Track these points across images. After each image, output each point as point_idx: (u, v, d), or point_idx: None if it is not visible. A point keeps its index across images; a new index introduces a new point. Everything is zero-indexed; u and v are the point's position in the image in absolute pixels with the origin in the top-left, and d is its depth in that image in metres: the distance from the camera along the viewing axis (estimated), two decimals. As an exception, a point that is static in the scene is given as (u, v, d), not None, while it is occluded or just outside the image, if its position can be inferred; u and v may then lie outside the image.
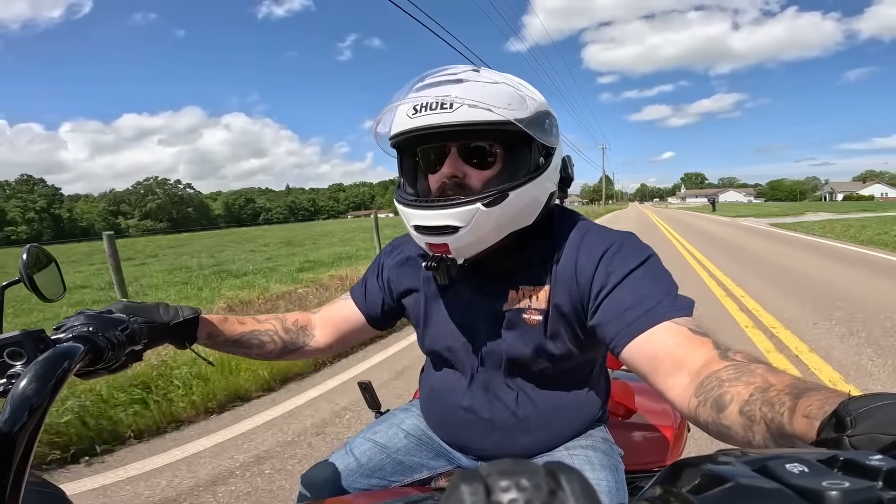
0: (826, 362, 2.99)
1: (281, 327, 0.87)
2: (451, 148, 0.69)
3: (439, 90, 0.66)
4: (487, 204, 0.65)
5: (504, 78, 0.69)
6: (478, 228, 0.65)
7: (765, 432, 0.42)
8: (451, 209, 0.65)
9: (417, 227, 0.69)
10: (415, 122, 0.66)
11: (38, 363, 0.46)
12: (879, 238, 9.85)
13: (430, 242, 0.69)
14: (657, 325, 0.61)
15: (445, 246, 0.67)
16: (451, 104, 0.63)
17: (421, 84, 0.69)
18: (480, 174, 0.69)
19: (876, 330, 3.59)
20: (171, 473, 2.05)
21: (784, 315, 4.14)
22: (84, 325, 0.58)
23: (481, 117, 0.63)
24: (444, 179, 0.69)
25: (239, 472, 2.04)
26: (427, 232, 0.68)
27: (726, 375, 0.50)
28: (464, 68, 0.70)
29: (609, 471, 0.76)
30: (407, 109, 0.67)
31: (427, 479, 0.88)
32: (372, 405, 1.14)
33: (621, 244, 0.71)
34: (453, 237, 0.66)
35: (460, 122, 0.64)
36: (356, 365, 3.40)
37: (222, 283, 7.85)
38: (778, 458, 0.20)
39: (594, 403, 0.82)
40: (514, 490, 0.16)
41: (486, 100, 0.63)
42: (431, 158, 0.71)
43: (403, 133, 0.68)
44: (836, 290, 5.08)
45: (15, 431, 0.40)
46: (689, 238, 13.04)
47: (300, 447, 2.25)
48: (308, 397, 2.87)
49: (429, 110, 0.64)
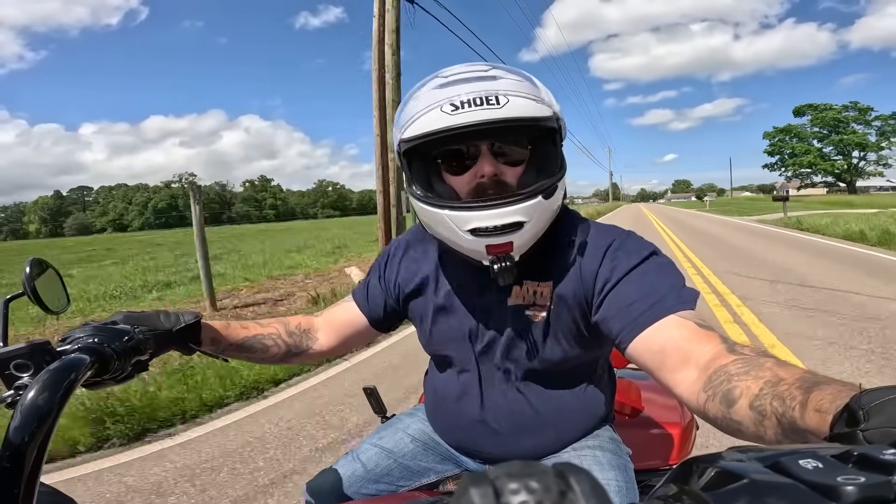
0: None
1: (284, 331, 0.87)
2: (481, 147, 0.67)
3: (476, 86, 0.63)
4: (546, 196, 0.66)
5: (524, 75, 0.69)
6: (538, 222, 0.67)
7: (776, 427, 0.41)
8: (514, 206, 0.64)
9: (476, 230, 0.65)
10: (457, 118, 0.62)
11: (46, 374, 0.46)
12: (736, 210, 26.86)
13: (490, 244, 0.65)
14: (663, 318, 0.61)
15: (509, 244, 0.65)
16: (496, 99, 0.62)
17: (445, 82, 0.66)
18: (514, 171, 0.69)
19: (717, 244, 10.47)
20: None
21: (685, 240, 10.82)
22: (90, 336, 0.59)
23: (531, 112, 0.63)
24: (482, 179, 0.67)
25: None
26: (490, 233, 0.65)
27: (735, 369, 0.50)
28: (485, 65, 0.68)
29: (618, 470, 0.76)
30: (440, 107, 0.63)
31: (435, 483, 0.87)
32: (378, 410, 1.13)
33: (624, 240, 0.71)
34: (518, 234, 0.65)
35: (510, 118, 0.63)
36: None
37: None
38: (791, 453, 0.20)
39: (600, 403, 0.82)
40: (523, 492, 0.16)
41: (532, 94, 0.64)
42: (460, 158, 0.69)
43: (442, 131, 0.63)
44: (706, 233, 14.46)
45: (25, 442, 0.41)
46: (654, 213, 32.43)
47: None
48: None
49: (472, 106, 0.62)
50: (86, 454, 2.34)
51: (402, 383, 3.06)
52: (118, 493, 1.99)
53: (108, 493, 1.99)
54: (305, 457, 2.23)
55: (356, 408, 2.70)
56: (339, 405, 2.79)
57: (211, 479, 2.07)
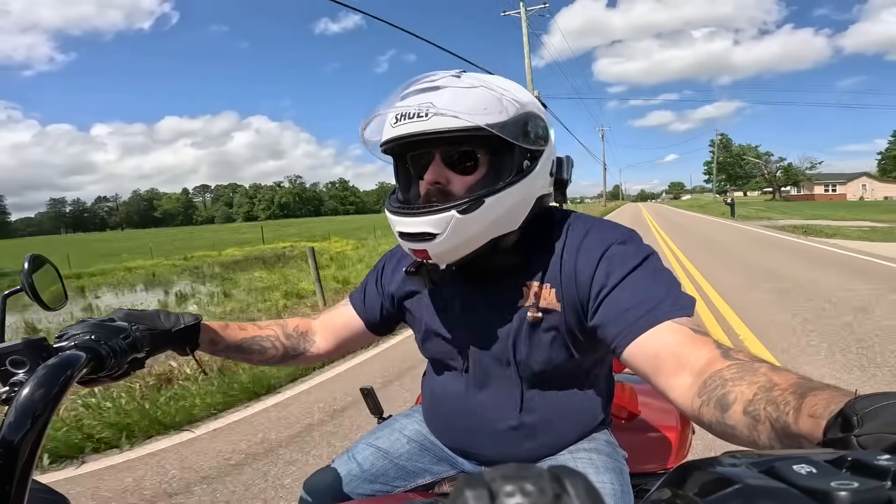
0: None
1: (282, 333, 0.87)
2: (435, 155, 0.69)
3: (418, 98, 0.66)
4: (462, 211, 0.65)
5: (484, 81, 0.69)
6: (454, 236, 0.66)
7: (770, 432, 0.41)
8: (427, 216, 0.66)
9: (401, 234, 0.70)
10: (396, 130, 0.67)
11: (41, 371, 0.46)
12: (696, 206, 45.63)
13: (412, 248, 0.70)
14: (658, 324, 0.61)
15: (425, 252, 0.68)
16: (425, 113, 0.64)
17: (404, 92, 0.70)
18: (463, 180, 0.69)
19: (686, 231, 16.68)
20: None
21: (663, 228, 17.98)
22: (86, 333, 0.58)
23: (451, 125, 0.64)
24: (429, 186, 0.70)
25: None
26: (408, 238, 0.69)
27: (729, 375, 0.50)
28: (444, 74, 0.70)
29: (614, 474, 0.76)
30: (391, 118, 0.68)
31: (430, 485, 0.87)
32: (374, 411, 1.13)
33: (621, 244, 0.70)
34: (431, 244, 0.67)
35: (433, 130, 0.64)
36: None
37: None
38: (785, 458, 0.20)
39: (597, 406, 0.82)
40: (518, 495, 0.16)
41: (456, 106, 0.64)
42: (421, 165, 0.72)
43: (388, 141, 0.69)
44: (664, 215, 28.55)
45: (18, 439, 0.40)
46: (644, 207, 51.63)
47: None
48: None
49: (407, 119, 0.65)
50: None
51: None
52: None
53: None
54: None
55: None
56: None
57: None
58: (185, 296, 9.61)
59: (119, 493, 2.04)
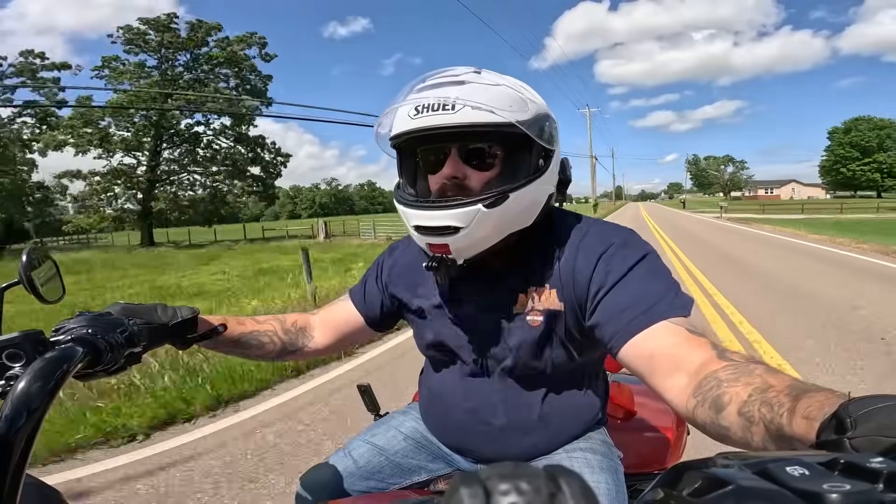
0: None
1: (280, 328, 0.87)
2: (451, 149, 0.69)
3: (441, 91, 0.66)
4: (488, 205, 0.64)
5: (505, 80, 0.69)
6: (478, 229, 0.65)
7: (763, 433, 0.42)
8: (451, 210, 0.65)
9: (418, 228, 0.68)
10: (416, 122, 0.66)
11: (38, 365, 0.46)
12: (676, 204, 71.82)
13: (430, 243, 0.69)
14: (654, 324, 0.61)
15: (446, 246, 0.67)
16: (452, 105, 0.63)
17: (422, 85, 0.69)
18: (480, 175, 0.69)
19: (672, 224, 25.98)
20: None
21: (656, 222, 27.35)
22: (83, 326, 0.58)
23: (483, 119, 0.63)
24: (445, 180, 0.69)
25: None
26: (427, 232, 0.68)
27: (725, 376, 0.50)
28: (465, 70, 0.70)
29: (609, 473, 0.76)
30: (408, 110, 0.67)
31: (426, 482, 0.87)
32: (371, 408, 1.13)
33: (619, 244, 0.70)
34: (454, 238, 0.66)
35: (462, 124, 0.64)
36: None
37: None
38: (778, 460, 0.20)
39: (593, 406, 0.82)
40: (513, 493, 0.16)
41: (489, 102, 0.63)
42: (431, 159, 0.71)
43: (405, 134, 0.68)
44: (669, 217, 35.68)
45: (13, 433, 0.40)
46: (643, 206, 67.41)
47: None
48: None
49: (430, 111, 0.64)
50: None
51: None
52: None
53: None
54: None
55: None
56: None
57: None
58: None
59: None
